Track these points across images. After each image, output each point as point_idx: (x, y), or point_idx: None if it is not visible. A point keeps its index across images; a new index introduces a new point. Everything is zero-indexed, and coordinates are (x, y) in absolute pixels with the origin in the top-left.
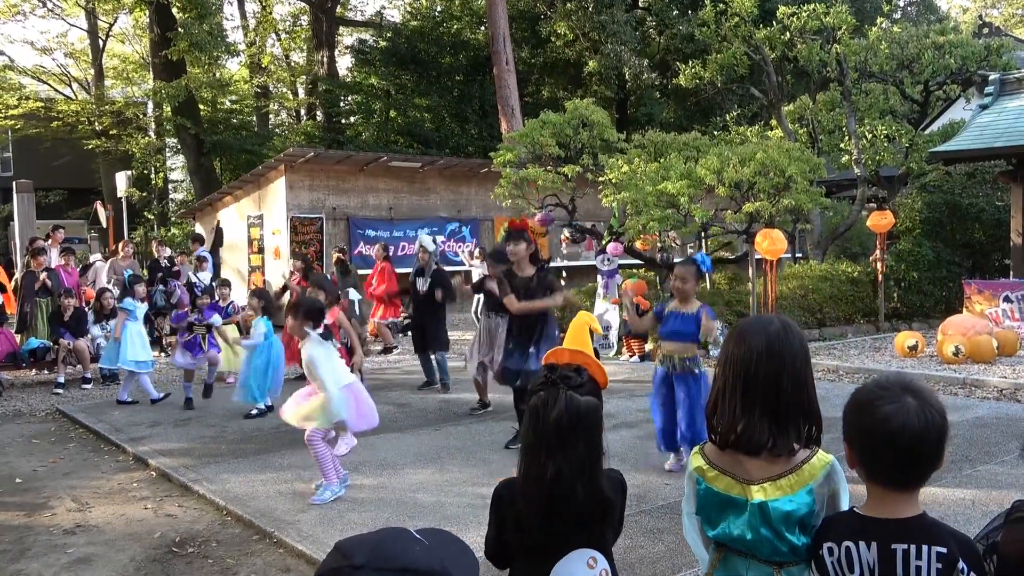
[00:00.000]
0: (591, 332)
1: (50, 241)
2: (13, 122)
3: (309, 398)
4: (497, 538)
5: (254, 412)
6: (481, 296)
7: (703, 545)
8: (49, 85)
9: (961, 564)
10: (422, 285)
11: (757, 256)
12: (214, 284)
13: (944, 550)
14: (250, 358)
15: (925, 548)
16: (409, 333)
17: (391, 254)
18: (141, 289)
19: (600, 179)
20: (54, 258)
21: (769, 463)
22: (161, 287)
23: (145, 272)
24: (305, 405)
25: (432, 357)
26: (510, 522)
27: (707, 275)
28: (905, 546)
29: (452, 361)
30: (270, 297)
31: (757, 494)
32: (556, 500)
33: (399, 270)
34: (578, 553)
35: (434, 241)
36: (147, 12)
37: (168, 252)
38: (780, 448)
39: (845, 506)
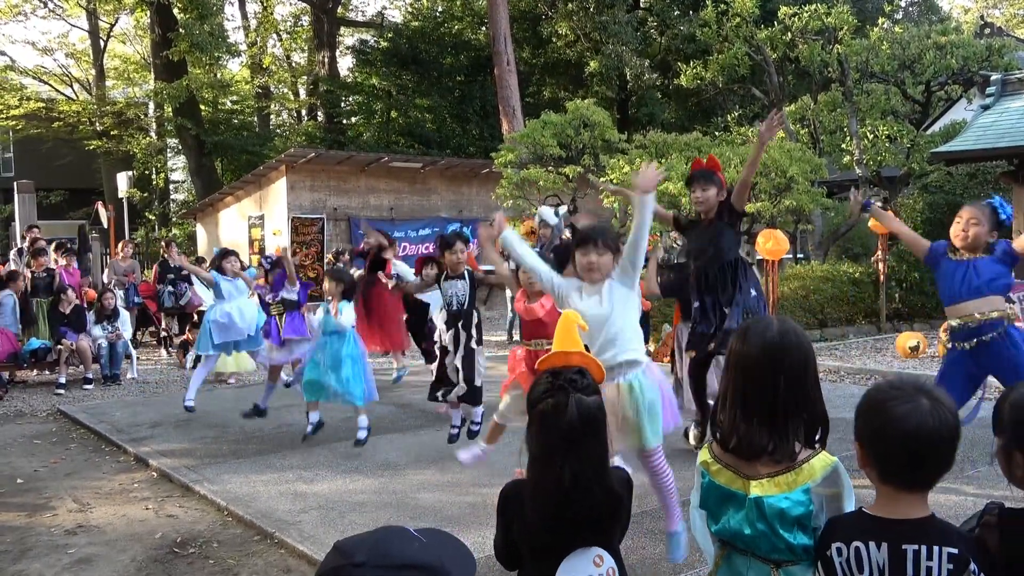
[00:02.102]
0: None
1: (25, 242)
2: (14, 122)
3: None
4: (505, 540)
5: (309, 431)
6: None
7: (710, 540)
8: (50, 85)
9: (973, 566)
10: None
11: (758, 257)
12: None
13: (955, 551)
14: (323, 349)
15: (936, 549)
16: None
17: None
18: (230, 265)
19: (601, 179)
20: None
21: (771, 463)
22: (169, 288)
23: (150, 272)
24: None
25: None
26: (517, 523)
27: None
28: (916, 547)
29: None
30: (352, 278)
31: (755, 489)
32: (572, 504)
33: None
34: (584, 551)
35: (556, 213)
36: (148, 13)
37: (176, 251)
38: (780, 454)
39: (849, 509)
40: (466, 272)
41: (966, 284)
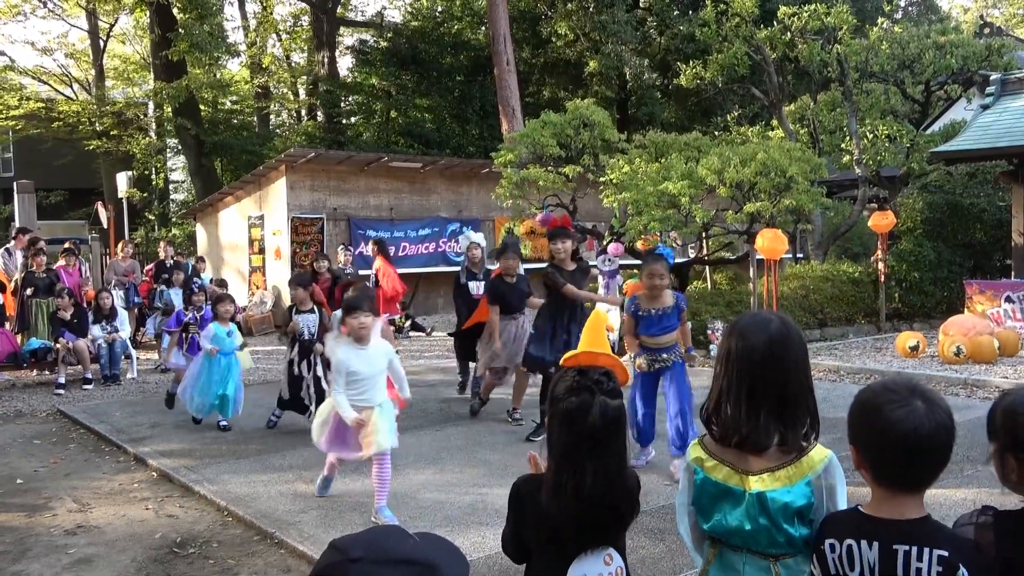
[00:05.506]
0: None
1: (14, 243)
2: (14, 122)
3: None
4: (515, 534)
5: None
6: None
7: (696, 539)
8: (50, 85)
9: (962, 570)
10: (476, 289)
11: (758, 256)
12: (211, 281)
13: (946, 553)
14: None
15: (927, 550)
16: (411, 334)
17: (392, 254)
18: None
19: (601, 179)
20: (17, 262)
21: (776, 456)
22: (163, 287)
23: (146, 273)
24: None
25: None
26: (530, 518)
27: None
28: (907, 547)
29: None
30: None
31: (755, 484)
32: (592, 503)
33: (400, 270)
34: (595, 550)
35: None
36: (148, 13)
37: (172, 252)
38: (792, 445)
39: (843, 500)
40: (315, 308)
41: None
